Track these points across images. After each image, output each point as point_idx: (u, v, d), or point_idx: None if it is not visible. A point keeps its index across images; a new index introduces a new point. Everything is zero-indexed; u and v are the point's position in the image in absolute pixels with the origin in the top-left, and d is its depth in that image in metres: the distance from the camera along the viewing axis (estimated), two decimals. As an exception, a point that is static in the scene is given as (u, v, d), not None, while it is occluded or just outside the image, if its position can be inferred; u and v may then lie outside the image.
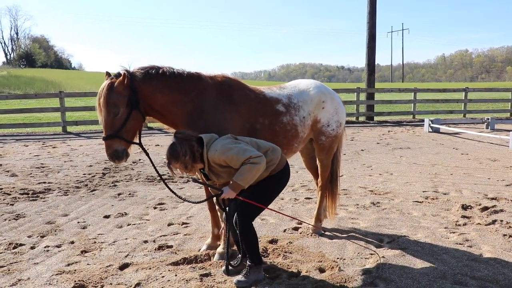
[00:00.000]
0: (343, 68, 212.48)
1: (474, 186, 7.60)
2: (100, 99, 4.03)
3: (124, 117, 4.06)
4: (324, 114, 4.98)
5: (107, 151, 4.13)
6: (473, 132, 13.96)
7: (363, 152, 11.65)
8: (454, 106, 24.25)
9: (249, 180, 3.74)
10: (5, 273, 4.36)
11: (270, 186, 4.02)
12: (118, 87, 4.01)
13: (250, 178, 3.72)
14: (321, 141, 5.06)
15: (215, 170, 3.89)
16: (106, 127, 4.07)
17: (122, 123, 4.07)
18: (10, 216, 6.18)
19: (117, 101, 4.02)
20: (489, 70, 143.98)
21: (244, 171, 3.69)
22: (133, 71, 4.16)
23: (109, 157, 4.15)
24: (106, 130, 4.08)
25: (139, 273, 4.30)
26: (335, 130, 5.09)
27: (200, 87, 4.29)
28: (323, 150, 5.13)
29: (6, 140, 14.71)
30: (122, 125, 4.07)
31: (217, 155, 3.76)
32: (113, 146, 4.09)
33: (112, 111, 4.02)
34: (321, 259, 4.57)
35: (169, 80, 4.21)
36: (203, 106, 4.25)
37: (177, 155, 3.77)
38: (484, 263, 4.44)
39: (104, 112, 4.03)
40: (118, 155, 4.11)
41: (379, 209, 6.37)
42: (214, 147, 3.80)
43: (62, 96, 17.30)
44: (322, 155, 5.18)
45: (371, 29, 20.73)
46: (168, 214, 6.26)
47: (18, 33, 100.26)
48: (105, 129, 4.08)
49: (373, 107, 21.08)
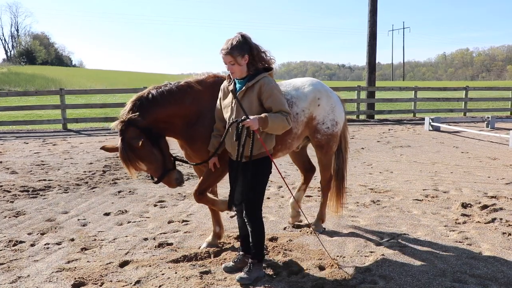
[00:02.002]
0: (344, 67, 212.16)
1: (474, 185, 7.60)
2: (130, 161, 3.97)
3: (159, 153, 4.09)
4: (320, 111, 4.95)
5: (171, 186, 4.25)
6: (473, 131, 13.95)
7: (363, 150, 11.65)
8: (454, 104, 24.24)
9: (275, 127, 3.76)
10: (5, 270, 4.37)
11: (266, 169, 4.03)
12: (137, 143, 3.85)
13: (277, 125, 3.75)
14: (317, 138, 5.04)
15: (246, 100, 3.84)
16: (153, 171, 4.12)
17: (162, 160, 4.11)
18: (10, 214, 6.19)
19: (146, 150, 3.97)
20: (489, 69, 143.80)
21: (278, 117, 3.75)
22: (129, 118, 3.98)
23: (174, 187, 4.34)
24: (156, 173, 4.12)
25: (139, 271, 4.31)
26: (330, 128, 5.06)
27: (194, 94, 4.26)
28: (319, 148, 5.11)
29: (6, 137, 14.71)
30: (163, 162, 4.12)
31: (268, 87, 3.82)
32: (173, 177, 4.18)
33: (148, 159, 4.02)
34: (321, 257, 4.57)
35: (161, 99, 4.12)
36: (200, 110, 4.25)
37: (240, 48, 3.76)
38: (484, 261, 4.44)
39: (143, 166, 4.06)
40: (180, 180, 4.23)
41: (379, 207, 6.37)
42: (270, 79, 3.89)
43: (63, 94, 17.29)
44: (319, 153, 5.18)
45: (372, 27, 20.70)
46: (168, 212, 6.26)
47: (19, 30, 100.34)
48: (154, 172, 4.13)
49: (374, 106, 21.07)
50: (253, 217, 3.99)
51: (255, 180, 3.94)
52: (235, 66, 3.80)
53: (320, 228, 5.41)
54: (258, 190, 3.99)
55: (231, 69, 3.84)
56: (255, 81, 3.83)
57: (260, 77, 3.84)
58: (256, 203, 4.00)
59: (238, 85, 3.93)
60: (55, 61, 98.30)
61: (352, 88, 21.80)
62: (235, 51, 3.76)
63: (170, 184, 4.21)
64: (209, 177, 4.36)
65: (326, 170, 5.31)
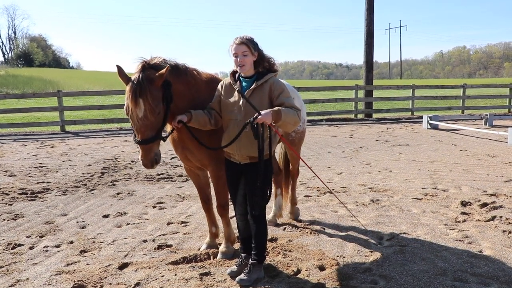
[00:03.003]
0: (341, 66, 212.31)
1: (473, 183, 7.60)
2: (136, 91, 3.58)
3: (163, 114, 3.76)
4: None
5: (148, 156, 3.71)
6: (471, 129, 13.96)
7: (362, 149, 11.64)
8: (452, 102, 24.26)
9: (288, 120, 3.72)
10: (4, 273, 4.35)
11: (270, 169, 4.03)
12: (159, 80, 3.68)
13: (289, 119, 3.73)
14: (292, 137, 5.36)
15: (256, 98, 3.83)
16: (146, 127, 3.65)
17: (163, 120, 3.78)
18: (8, 216, 6.16)
19: (159, 96, 3.69)
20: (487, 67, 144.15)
21: (291, 111, 3.74)
22: (156, 62, 3.84)
23: (149, 162, 3.74)
24: (146, 132, 3.66)
25: (139, 273, 4.29)
26: (301, 126, 5.40)
27: (198, 83, 4.22)
28: (293, 145, 5.37)
29: (5, 140, 14.67)
30: (163, 124, 3.79)
31: (279, 85, 3.86)
32: (154, 149, 3.74)
33: (156, 109, 3.64)
34: (321, 257, 4.56)
35: (182, 75, 4.06)
36: (199, 101, 4.18)
37: (253, 43, 3.83)
38: (484, 260, 4.43)
39: (147, 110, 3.60)
40: (158, 159, 3.80)
41: (379, 206, 6.36)
42: (278, 79, 3.95)
43: (60, 96, 17.25)
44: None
45: (369, 26, 20.70)
46: (167, 213, 6.24)
47: (16, 33, 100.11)
48: (145, 130, 3.66)
49: (372, 104, 21.07)
50: (260, 218, 4.00)
51: (266, 180, 3.92)
52: (247, 58, 3.79)
53: (297, 213, 5.88)
54: (264, 190, 3.97)
55: (242, 61, 3.79)
56: (264, 80, 3.85)
57: (268, 77, 3.88)
58: (263, 204, 3.99)
59: (245, 84, 3.92)
60: (53, 63, 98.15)
61: (350, 87, 21.79)
62: (250, 43, 3.81)
63: (147, 155, 3.70)
64: (221, 187, 4.36)
65: (297, 161, 5.77)
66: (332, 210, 6.23)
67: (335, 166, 9.37)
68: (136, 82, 3.60)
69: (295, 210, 5.91)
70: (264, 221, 4.07)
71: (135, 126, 3.70)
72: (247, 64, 3.82)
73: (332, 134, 14.71)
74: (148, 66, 3.76)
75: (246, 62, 3.81)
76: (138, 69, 3.72)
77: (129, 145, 12.96)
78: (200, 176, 4.73)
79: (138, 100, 3.58)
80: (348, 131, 15.60)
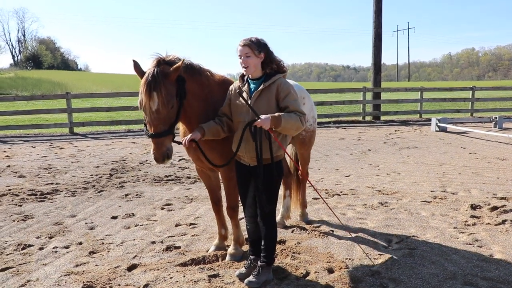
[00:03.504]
0: (349, 68, 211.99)
1: (482, 186, 7.55)
2: (151, 84, 3.60)
3: (176, 109, 3.77)
4: (305, 110, 5.08)
5: (159, 150, 3.69)
6: (480, 131, 13.86)
7: (370, 151, 11.60)
8: (461, 105, 24.10)
9: (289, 126, 3.69)
10: (14, 274, 4.38)
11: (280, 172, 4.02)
12: (173, 75, 3.71)
13: (291, 125, 3.69)
14: (302, 136, 5.38)
15: (264, 100, 3.82)
16: (159, 121, 3.66)
17: (176, 116, 3.79)
18: (18, 217, 6.20)
19: (173, 91, 3.71)
20: (496, 69, 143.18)
21: (293, 117, 3.71)
22: (171, 59, 3.87)
23: (160, 156, 3.71)
24: (159, 125, 3.67)
25: (147, 274, 4.30)
26: (312, 125, 5.50)
27: (211, 83, 4.23)
28: (304, 144, 5.48)
29: (14, 141, 14.78)
30: (177, 118, 3.79)
31: (286, 87, 3.84)
32: (166, 144, 3.72)
33: (169, 103, 3.66)
34: (330, 259, 4.55)
35: (197, 74, 4.08)
36: (211, 101, 4.20)
37: (258, 44, 3.82)
38: (495, 264, 4.40)
39: (160, 103, 3.61)
40: (170, 154, 3.76)
41: (387, 209, 6.33)
42: (286, 80, 3.95)
43: (69, 97, 17.34)
44: (303, 149, 5.56)
45: (377, 28, 20.65)
46: (176, 215, 6.25)
47: (25, 35, 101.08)
48: (158, 123, 3.67)
49: (380, 107, 20.99)
50: (269, 221, 4.00)
51: (270, 184, 3.92)
52: (251, 59, 3.80)
53: (307, 216, 5.89)
54: (274, 193, 3.98)
55: (245, 62, 3.81)
56: (272, 81, 3.85)
57: (276, 78, 3.88)
58: (273, 206, 3.99)
59: (253, 86, 3.93)
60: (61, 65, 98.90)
61: (357, 89, 21.73)
62: (253, 45, 3.81)
63: (159, 149, 3.69)
64: (231, 188, 4.37)
65: (307, 163, 5.80)
66: (340, 212, 6.21)
67: (343, 169, 9.34)
68: (151, 75, 3.64)
69: (305, 212, 5.91)
70: (274, 224, 4.06)
71: (148, 119, 3.72)
72: (250, 66, 3.83)
73: (340, 137, 14.67)
74: (163, 61, 3.80)
75: (250, 64, 3.82)
76: (153, 64, 3.76)
77: (137, 147, 13.01)
78: (211, 177, 4.73)
79: (152, 93, 3.60)
80: (356, 133, 15.56)
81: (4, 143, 14.41)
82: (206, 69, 4.23)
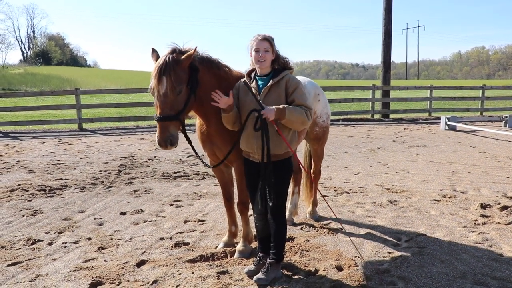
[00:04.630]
0: (358, 66, 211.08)
1: (492, 185, 7.48)
2: (162, 69, 3.66)
3: (186, 97, 3.80)
4: (319, 106, 5.42)
5: (162, 134, 3.69)
6: (490, 130, 13.75)
7: (379, 150, 11.55)
8: (471, 103, 23.95)
9: (293, 119, 3.72)
10: (24, 268, 4.40)
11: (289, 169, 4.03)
12: (185, 62, 3.75)
13: (295, 118, 3.71)
14: (316, 131, 5.47)
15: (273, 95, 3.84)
16: (166, 105, 3.69)
17: (185, 103, 3.79)
18: (28, 212, 6.24)
19: (183, 78, 3.74)
20: (506, 67, 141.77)
21: (297, 110, 3.74)
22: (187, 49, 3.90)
23: (162, 141, 3.70)
24: (165, 109, 3.69)
25: (156, 270, 4.30)
26: (325, 121, 5.57)
27: (229, 78, 4.23)
28: (317, 140, 5.56)
29: (24, 137, 14.88)
30: (184, 106, 3.79)
31: (294, 82, 3.85)
32: (170, 129, 3.72)
33: (177, 88, 3.69)
34: (339, 257, 4.53)
35: (215, 68, 4.12)
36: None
37: (273, 41, 3.88)
38: (505, 263, 4.36)
39: (168, 87, 3.66)
40: (174, 140, 3.74)
41: (396, 207, 6.30)
42: (294, 77, 3.95)
43: (78, 93, 17.43)
44: (316, 145, 5.63)
45: (387, 26, 20.54)
46: (184, 211, 6.26)
47: (35, 31, 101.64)
48: (164, 107, 3.69)
49: (389, 105, 20.90)
50: (279, 218, 3.99)
51: (280, 181, 3.92)
52: (268, 54, 3.84)
53: (316, 214, 5.89)
54: (284, 190, 3.97)
55: (263, 57, 3.82)
56: (281, 77, 3.86)
57: (285, 74, 3.90)
58: (282, 204, 3.99)
59: (261, 82, 3.94)
60: (70, 62, 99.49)
61: (366, 87, 21.66)
62: (272, 41, 3.87)
63: (162, 133, 3.68)
64: (244, 184, 4.35)
65: (320, 160, 5.82)
66: (349, 210, 6.19)
67: (352, 166, 9.31)
68: (163, 61, 3.71)
69: (315, 210, 5.91)
70: (283, 221, 4.06)
71: (156, 102, 3.76)
72: (267, 61, 3.85)
73: (348, 134, 14.62)
74: (178, 51, 3.85)
75: (267, 58, 3.84)
76: (167, 52, 3.82)
77: (145, 143, 13.05)
78: (225, 173, 4.73)
79: (161, 77, 3.67)
80: (364, 131, 15.50)
81: (14, 139, 14.52)
82: (224, 64, 4.26)
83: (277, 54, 3.94)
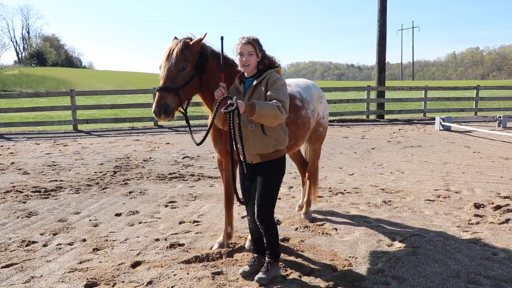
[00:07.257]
0: (353, 66, 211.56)
1: (486, 185, 7.53)
2: (172, 49, 3.94)
3: (188, 76, 3.99)
4: (322, 107, 5.66)
5: (158, 102, 3.86)
6: (484, 130, 13.82)
7: (373, 150, 11.59)
8: (465, 104, 24.03)
9: (264, 113, 3.55)
10: (18, 270, 4.40)
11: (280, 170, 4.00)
12: (195, 45, 4.00)
13: (266, 113, 3.56)
14: (319, 131, 5.70)
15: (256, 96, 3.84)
16: (168, 77, 3.90)
17: (186, 81, 3.98)
18: (22, 214, 6.23)
19: (189, 58, 3.96)
20: (500, 68, 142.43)
21: (268, 105, 3.59)
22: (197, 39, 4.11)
23: (157, 108, 3.85)
24: (166, 81, 3.90)
25: (151, 271, 4.31)
26: (327, 122, 5.84)
27: (235, 74, 4.23)
28: (319, 140, 5.79)
29: (18, 139, 14.83)
30: (185, 83, 3.97)
31: (273, 79, 3.83)
32: (167, 99, 3.88)
33: (181, 64, 3.92)
34: (333, 257, 4.55)
35: (229, 66, 4.22)
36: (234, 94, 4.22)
37: (258, 43, 3.89)
38: (498, 262, 4.39)
39: (172, 62, 3.91)
40: (168, 110, 3.88)
41: (391, 207, 6.33)
42: (276, 74, 3.93)
43: (73, 95, 17.38)
44: (317, 144, 5.82)
45: (382, 27, 20.60)
46: (179, 212, 6.26)
47: (30, 32, 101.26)
48: (166, 79, 3.90)
49: (384, 105, 20.96)
50: (266, 220, 3.95)
51: (269, 182, 3.91)
52: (253, 57, 3.83)
53: (311, 214, 5.93)
54: (270, 192, 3.95)
55: (247, 61, 3.82)
56: (263, 77, 3.86)
57: (267, 73, 3.88)
58: (270, 206, 3.96)
59: (247, 84, 3.95)
60: (65, 63, 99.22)
61: (361, 88, 21.70)
62: (256, 43, 3.86)
63: (158, 102, 3.86)
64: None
65: (318, 158, 5.97)
66: (344, 210, 6.21)
67: (347, 167, 9.34)
68: (174, 43, 4.00)
69: (309, 211, 5.94)
70: (270, 223, 3.99)
71: (160, 76, 3.99)
72: (251, 64, 3.85)
73: (343, 135, 14.66)
74: (190, 40, 4.06)
75: (251, 62, 3.84)
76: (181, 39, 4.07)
77: (141, 144, 13.04)
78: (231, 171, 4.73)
79: (170, 55, 3.95)
80: (360, 132, 15.54)
81: (8, 140, 14.47)
82: (230, 58, 4.35)
83: (263, 55, 3.92)
